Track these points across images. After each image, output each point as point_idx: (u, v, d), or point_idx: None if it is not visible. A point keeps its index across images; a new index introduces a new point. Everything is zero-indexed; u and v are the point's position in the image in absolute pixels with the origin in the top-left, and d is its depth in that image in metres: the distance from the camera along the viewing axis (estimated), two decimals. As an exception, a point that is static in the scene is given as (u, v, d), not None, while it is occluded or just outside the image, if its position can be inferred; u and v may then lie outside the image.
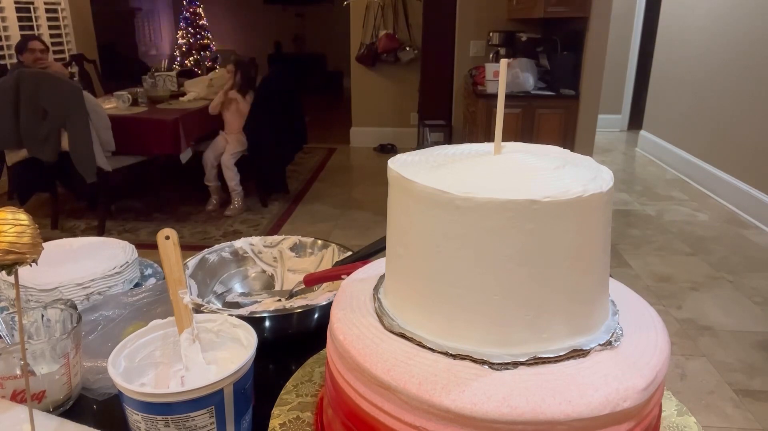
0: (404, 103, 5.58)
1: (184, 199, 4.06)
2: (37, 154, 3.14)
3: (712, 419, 1.86)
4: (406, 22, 5.37)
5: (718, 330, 2.37)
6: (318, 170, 5.00)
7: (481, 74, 3.76)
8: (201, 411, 0.49)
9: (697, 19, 4.46)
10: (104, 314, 0.71)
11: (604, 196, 0.42)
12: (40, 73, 3.10)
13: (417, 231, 0.44)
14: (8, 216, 0.44)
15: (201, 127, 3.75)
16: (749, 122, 3.69)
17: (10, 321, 0.62)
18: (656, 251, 3.19)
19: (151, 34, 8.83)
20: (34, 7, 4.61)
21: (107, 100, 3.88)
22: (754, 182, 3.64)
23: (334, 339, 0.46)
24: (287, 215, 3.84)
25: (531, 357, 0.41)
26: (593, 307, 0.44)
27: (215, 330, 0.59)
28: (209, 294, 0.82)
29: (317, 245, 0.89)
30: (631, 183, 4.52)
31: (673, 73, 4.91)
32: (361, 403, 0.43)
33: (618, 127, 6.47)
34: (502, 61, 0.48)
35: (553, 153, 0.49)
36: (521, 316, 0.41)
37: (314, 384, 0.58)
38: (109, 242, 0.88)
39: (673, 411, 0.54)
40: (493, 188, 0.40)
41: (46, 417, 0.56)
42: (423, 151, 0.51)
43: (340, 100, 8.80)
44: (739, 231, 3.47)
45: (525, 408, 0.37)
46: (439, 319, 0.43)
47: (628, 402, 0.38)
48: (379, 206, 3.93)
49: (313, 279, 0.76)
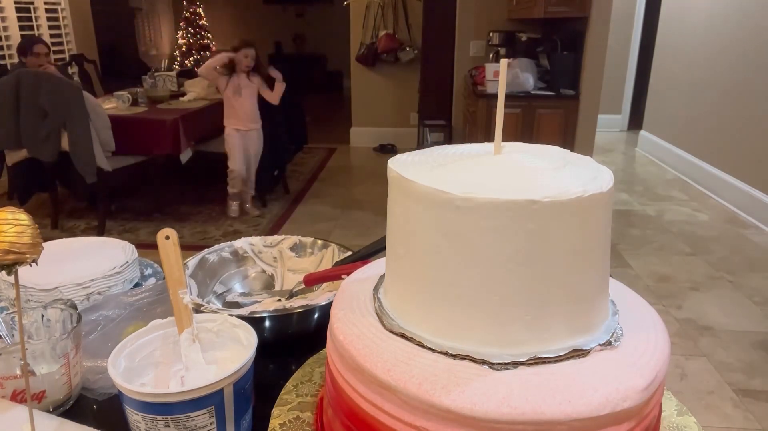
0: (404, 103, 5.58)
1: (184, 199, 4.06)
2: (37, 154, 3.14)
3: (712, 419, 1.86)
4: (406, 22, 5.37)
5: (718, 330, 2.37)
6: (318, 170, 5.00)
7: (481, 74, 3.76)
8: (201, 411, 0.49)
9: (697, 20, 4.46)
10: (104, 314, 0.71)
11: (604, 196, 0.42)
12: (40, 73, 3.11)
13: (417, 231, 0.44)
14: (8, 216, 0.44)
15: (201, 127, 3.75)
16: (749, 122, 3.69)
17: (10, 321, 0.62)
18: (656, 251, 3.19)
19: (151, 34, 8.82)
20: (34, 7, 4.61)
21: (107, 100, 3.88)
22: (754, 182, 3.64)
23: (334, 339, 0.46)
24: (287, 215, 3.84)
25: (531, 357, 0.41)
26: (593, 307, 0.44)
27: (215, 330, 0.59)
28: (209, 294, 0.82)
29: (317, 245, 0.89)
30: (631, 183, 4.52)
31: (673, 73, 4.91)
32: (361, 403, 0.43)
33: (618, 127, 6.47)
34: (502, 61, 0.48)
35: (553, 153, 0.49)
36: (521, 316, 0.41)
37: (314, 384, 0.58)
38: (109, 242, 0.88)
39: (673, 411, 0.54)
40: (493, 188, 0.40)
41: (46, 417, 0.56)
42: (423, 151, 0.51)
43: (340, 100, 8.80)
44: (739, 231, 3.47)
45: (525, 408, 0.37)
46: (439, 319, 0.43)
47: (628, 402, 0.38)
48: (379, 206, 3.93)
49: (313, 279, 0.76)
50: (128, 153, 3.44)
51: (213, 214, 3.82)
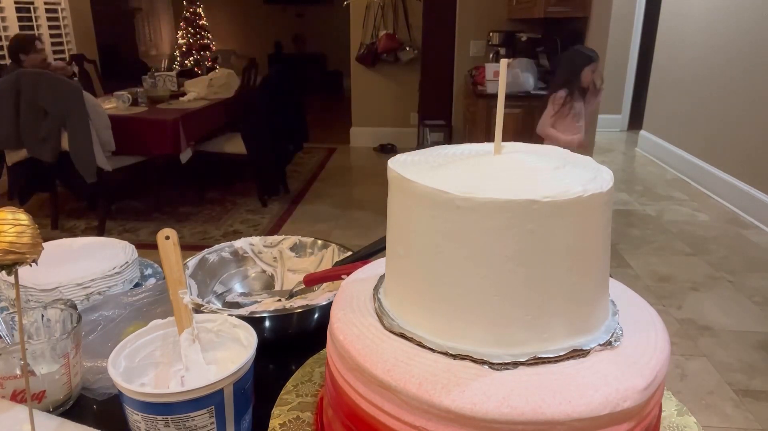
0: (404, 103, 5.58)
1: (184, 199, 4.06)
2: (37, 154, 3.14)
3: (712, 419, 1.86)
4: (406, 22, 5.37)
5: (718, 330, 2.37)
6: (318, 170, 5.00)
7: (481, 74, 3.76)
8: (201, 411, 0.49)
9: (698, 19, 4.46)
10: (104, 314, 0.71)
11: (604, 196, 0.42)
12: (40, 73, 3.10)
13: (417, 231, 0.44)
14: (8, 216, 0.44)
15: (201, 127, 3.75)
16: (749, 122, 3.69)
17: (10, 321, 0.62)
18: (656, 251, 3.19)
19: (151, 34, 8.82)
20: (34, 7, 4.60)
21: (107, 100, 3.88)
22: (754, 182, 3.64)
23: (334, 339, 0.46)
24: (287, 215, 3.84)
25: (531, 357, 0.41)
26: (593, 307, 0.44)
27: (215, 330, 0.59)
28: (209, 294, 0.82)
29: (317, 245, 0.89)
30: (631, 183, 4.52)
31: (673, 73, 4.91)
32: (361, 403, 0.43)
33: (618, 127, 6.47)
34: (502, 61, 0.48)
35: (553, 153, 0.49)
36: (521, 316, 0.41)
37: (314, 384, 0.58)
38: (109, 242, 0.88)
39: (673, 411, 0.54)
40: (493, 188, 0.40)
41: (46, 417, 0.56)
42: (423, 151, 0.51)
43: (340, 100, 8.79)
44: (739, 231, 3.47)
45: (525, 408, 0.37)
46: (439, 319, 0.43)
47: (628, 402, 0.38)
48: (379, 206, 3.92)
49: (313, 279, 0.76)
50: (128, 153, 3.44)
51: (213, 213, 3.83)
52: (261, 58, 6.88)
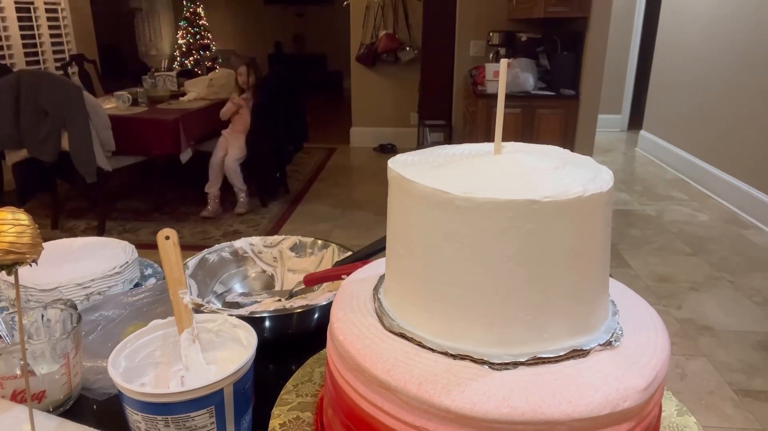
0: (404, 103, 5.58)
1: (184, 199, 4.06)
2: (37, 154, 3.14)
3: (712, 419, 1.86)
4: (406, 22, 5.37)
5: (718, 330, 2.37)
6: (318, 170, 5.00)
7: (481, 74, 3.76)
8: (201, 411, 0.49)
9: (697, 20, 4.46)
10: (104, 314, 0.71)
11: (604, 196, 0.42)
12: (40, 73, 3.11)
13: (417, 231, 0.44)
14: (8, 216, 0.44)
15: (201, 127, 3.75)
16: (749, 122, 3.69)
17: (10, 321, 0.62)
18: (656, 251, 3.19)
19: (151, 34, 8.82)
20: (34, 7, 4.60)
21: (107, 100, 3.88)
22: (754, 182, 3.64)
23: (334, 339, 0.46)
24: (287, 215, 3.84)
25: (531, 357, 0.41)
26: (593, 307, 0.44)
27: (215, 330, 0.59)
28: (209, 294, 0.82)
29: (317, 245, 0.89)
30: (631, 183, 4.52)
31: (673, 73, 4.91)
32: (361, 403, 0.43)
33: (618, 127, 6.47)
34: (502, 61, 0.48)
35: (553, 153, 0.49)
36: (521, 316, 0.41)
37: (314, 384, 0.58)
38: (109, 242, 0.88)
39: (673, 411, 0.54)
40: (493, 188, 0.40)
41: (46, 417, 0.56)
42: (423, 151, 0.51)
43: (340, 100, 8.80)
44: (739, 231, 3.47)
45: (525, 408, 0.37)
46: (439, 319, 0.43)
47: (628, 402, 0.38)
48: (379, 206, 3.92)
49: (313, 279, 0.76)
50: (128, 153, 3.44)
51: (208, 220, 3.82)
52: (261, 58, 6.88)
